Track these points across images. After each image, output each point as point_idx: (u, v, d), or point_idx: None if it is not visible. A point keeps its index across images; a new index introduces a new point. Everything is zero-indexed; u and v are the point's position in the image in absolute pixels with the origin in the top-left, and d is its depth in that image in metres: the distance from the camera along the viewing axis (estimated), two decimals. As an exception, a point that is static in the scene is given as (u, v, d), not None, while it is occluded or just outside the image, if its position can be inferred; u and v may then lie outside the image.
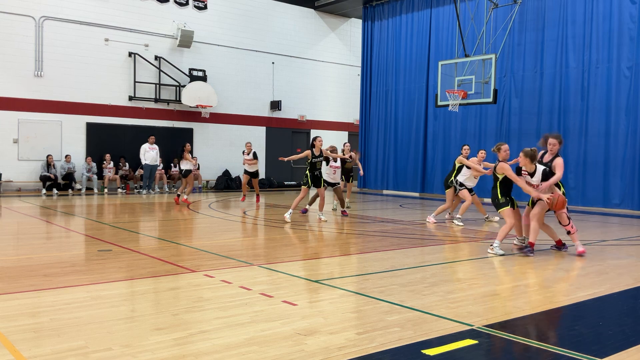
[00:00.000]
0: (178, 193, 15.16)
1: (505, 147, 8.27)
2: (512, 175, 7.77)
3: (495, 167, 8.06)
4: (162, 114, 20.29)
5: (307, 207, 12.68)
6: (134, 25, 19.51)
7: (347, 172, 13.94)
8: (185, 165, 14.56)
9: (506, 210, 7.86)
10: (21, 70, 17.56)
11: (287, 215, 11.19)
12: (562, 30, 16.19)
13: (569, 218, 7.85)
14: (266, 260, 7.16)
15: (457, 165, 11.44)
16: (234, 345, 3.87)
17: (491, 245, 7.88)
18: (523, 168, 7.80)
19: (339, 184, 12.90)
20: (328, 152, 12.24)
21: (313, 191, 12.13)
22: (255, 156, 15.21)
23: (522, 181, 7.74)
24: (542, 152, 8.27)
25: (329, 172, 12.74)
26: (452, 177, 11.44)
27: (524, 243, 7.94)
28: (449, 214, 11.91)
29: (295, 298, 5.19)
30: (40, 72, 17.85)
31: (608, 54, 15.24)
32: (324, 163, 11.96)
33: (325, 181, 12.01)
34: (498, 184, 7.93)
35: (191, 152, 16.95)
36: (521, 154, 7.80)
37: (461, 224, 11.12)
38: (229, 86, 21.77)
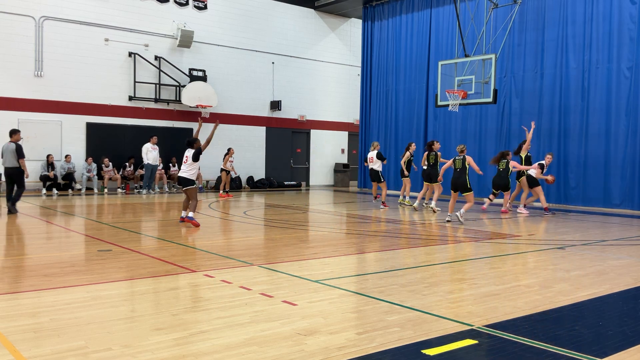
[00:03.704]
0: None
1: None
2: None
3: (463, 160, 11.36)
4: (162, 114, 20.29)
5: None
6: (134, 25, 19.50)
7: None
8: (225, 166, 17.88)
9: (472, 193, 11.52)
10: (21, 70, 17.56)
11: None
12: (562, 30, 16.19)
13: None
14: (266, 260, 7.16)
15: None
16: (234, 345, 3.87)
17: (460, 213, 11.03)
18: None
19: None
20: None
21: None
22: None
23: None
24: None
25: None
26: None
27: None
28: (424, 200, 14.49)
29: (295, 298, 5.18)
30: (40, 72, 17.85)
31: (608, 54, 15.25)
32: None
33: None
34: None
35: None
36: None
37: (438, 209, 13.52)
38: (229, 86, 21.77)
